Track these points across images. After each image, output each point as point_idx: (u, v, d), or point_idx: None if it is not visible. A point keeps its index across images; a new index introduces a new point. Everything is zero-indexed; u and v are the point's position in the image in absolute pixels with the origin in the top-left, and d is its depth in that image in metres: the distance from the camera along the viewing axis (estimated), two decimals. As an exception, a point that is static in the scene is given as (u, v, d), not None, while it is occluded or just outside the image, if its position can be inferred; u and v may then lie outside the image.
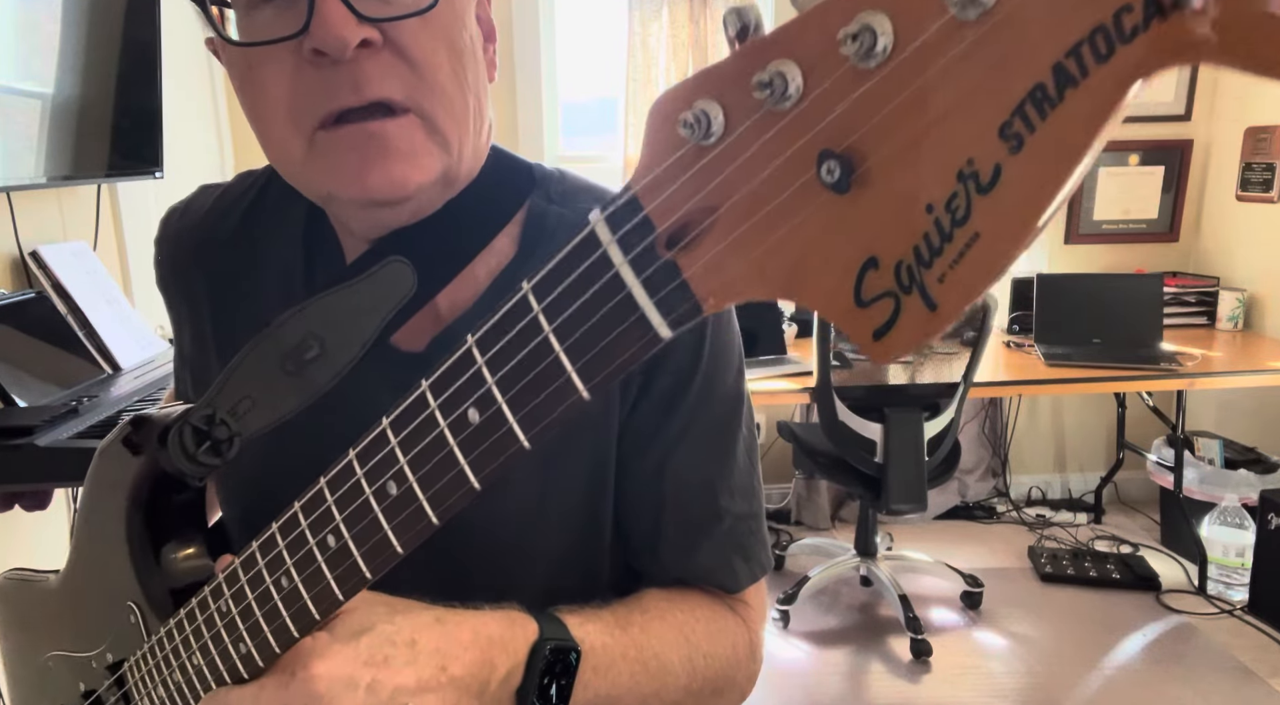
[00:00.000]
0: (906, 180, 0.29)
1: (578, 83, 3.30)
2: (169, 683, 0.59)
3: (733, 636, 0.71)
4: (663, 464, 0.68)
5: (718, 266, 0.33)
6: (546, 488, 0.67)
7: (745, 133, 0.31)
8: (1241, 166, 3.17)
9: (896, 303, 0.30)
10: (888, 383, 2.52)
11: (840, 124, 0.29)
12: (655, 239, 0.34)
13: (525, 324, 0.38)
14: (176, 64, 2.25)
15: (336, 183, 0.58)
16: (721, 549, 0.70)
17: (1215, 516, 2.83)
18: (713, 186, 0.32)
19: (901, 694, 2.41)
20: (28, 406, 1.41)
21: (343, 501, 0.47)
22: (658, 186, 0.34)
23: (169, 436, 0.54)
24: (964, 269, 0.28)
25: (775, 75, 0.29)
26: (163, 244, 0.77)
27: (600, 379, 0.37)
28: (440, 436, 0.42)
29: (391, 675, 0.50)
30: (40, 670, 0.73)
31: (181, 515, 0.62)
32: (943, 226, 0.28)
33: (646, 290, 0.35)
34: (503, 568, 0.67)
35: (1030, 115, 0.26)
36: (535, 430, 0.39)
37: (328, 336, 0.54)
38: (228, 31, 0.57)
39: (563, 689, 0.56)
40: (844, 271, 0.30)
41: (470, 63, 0.60)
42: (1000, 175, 0.27)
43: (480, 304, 0.67)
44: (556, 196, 0.69)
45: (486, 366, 0.40)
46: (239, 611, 0.53)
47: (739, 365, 0.71)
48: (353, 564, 0.47)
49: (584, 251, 0.36)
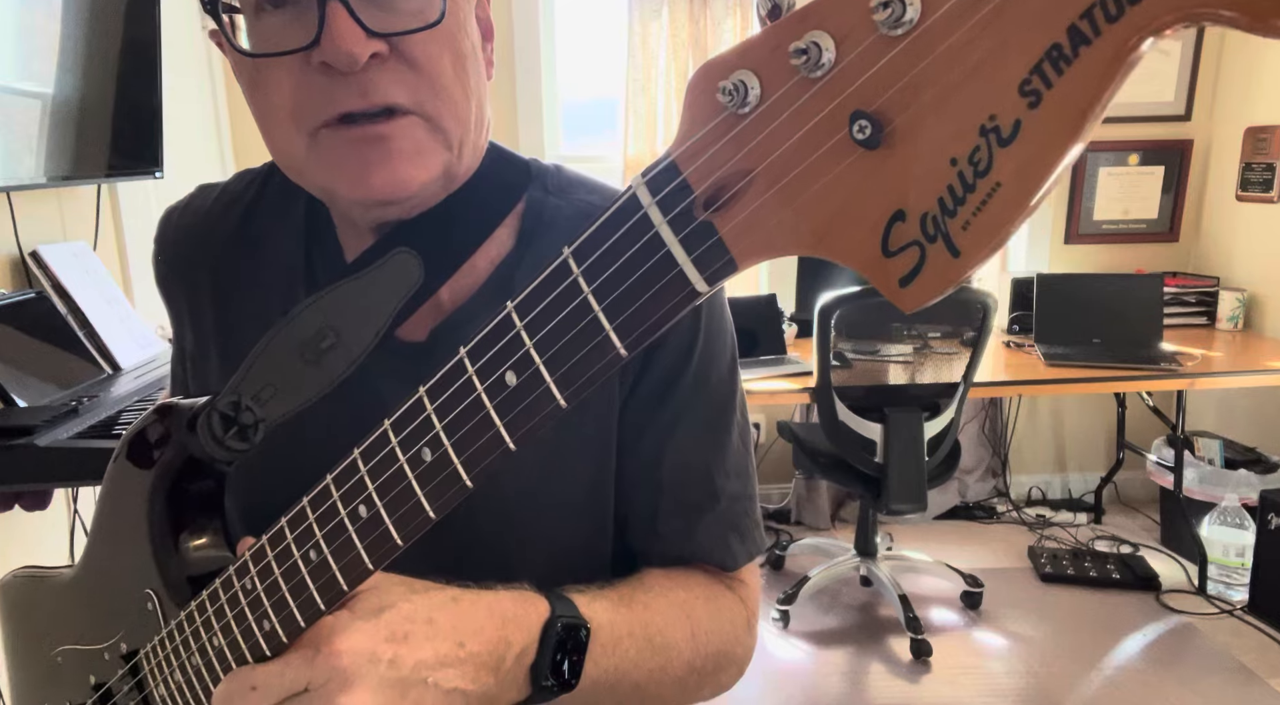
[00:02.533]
0: (933, 136, 0.31)
1: (578, 83, 3.30)
2: (187, 666, 0.60)
3: (731, 613, 0.72)
4: (661, 446, 0.70)
5: (752, 225, 0.35)
6: (549, 474, 0.68)
7: (780, 99, 0.33)
8: (1241, 166, 3.17)
9: (922, 251, 0.32)
10: (888, 383, 2.52)
11: (871, 86, 0.31)
12: (693, 201, 0.36)
13: (565, 286, 0.40)
14: (176, 64, 2.25)
15: (339, 181, 0.60)
16: (719, 528, 0.72)
17: (1215, 516, 2.83)
18: (748, 150, 0.35)
19: (901, 694, 2.41)
20: (28, 406, 1.41)
21: (376, 470, 0.48)
22: (695, 152, 0.36)
23: (198, 422, 0.56)
24: (986, 216, 0.30)
25: (810, 44, 0.32)
26: (162, 243, 0.78)
27: (637, 335, 0.39)
28: (477, 400, 0.44)
29: (412, 650, 0.51)
30: (48, 666, 0.73)
31: (200, 504, 0.63)
32: (966, 178, 0.30)
33: (685, 248, 0.37)
34: (508, 554, 0.68)
35: (1048, 72, 0.28)
36: (572, 389, 0.41)
37: (342, 327, 0.56)
38: (238, 39, 0.59)
39: (574, 665, 0.58)
40: (873, 224, 0.33)
41: (472, 66, 0.62)
42: (1020, 129, 0.29)
43: (481, 293, 0.68)
44: (554, 189, 0.71)
45: (525, 330, 0.42)
46: (264, 588, 0.54)
47: (732, 349, 0.73)
48: (384, 532, 0.48)
49: (625, 214, 0.38)
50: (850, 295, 2.32)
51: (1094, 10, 0.27)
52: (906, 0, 0.30)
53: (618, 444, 0.70)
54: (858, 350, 2.46)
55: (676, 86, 3.13)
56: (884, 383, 2.52)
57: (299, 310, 0.56)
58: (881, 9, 0.30)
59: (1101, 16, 0.27)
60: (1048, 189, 0.29)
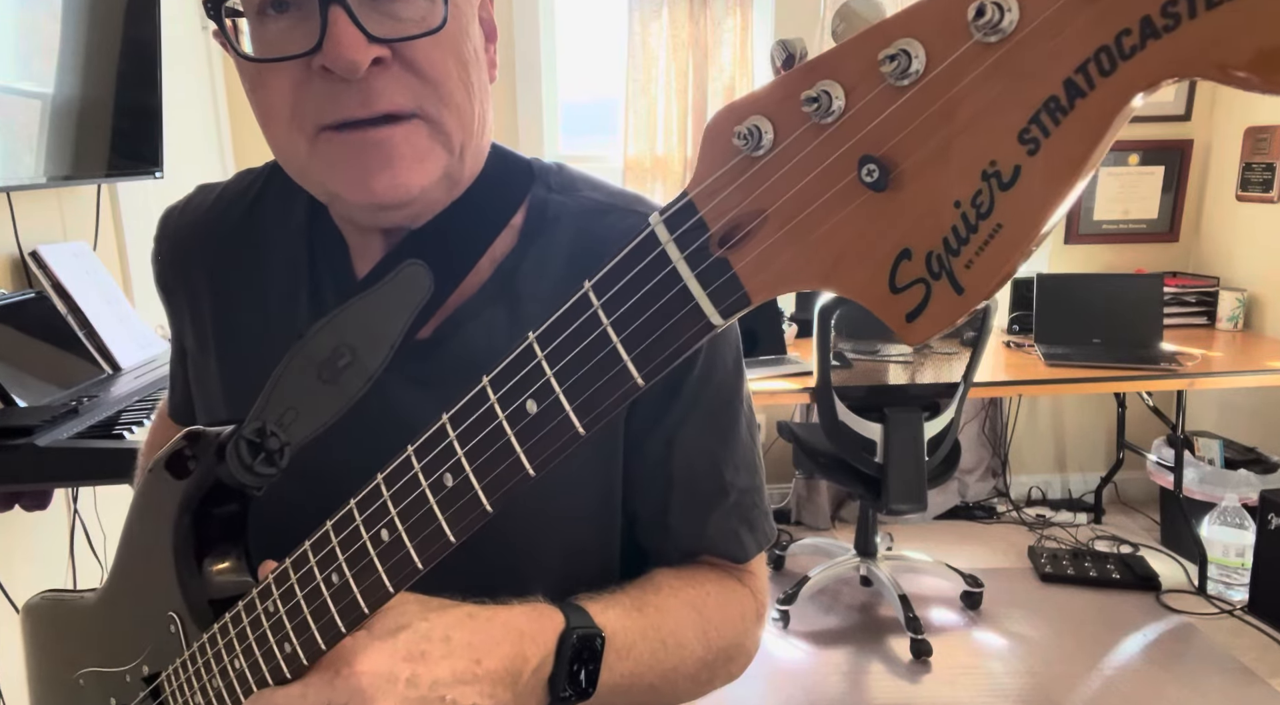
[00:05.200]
0: (937, 179, 0.33)
1: (578, 83, 3.30)
2: (209, 689, 0.60)
3: (741, 605, 0.73)
4: (670, 443, 0.70)
5: (765, 262, 0.37)
6: (558, 473, 0.68)
7: (792, 144, 0.36)
8: (1241, 166, 3.17)
9: (927, 289, 0.34)
10: (888, 383, 2.52)
11: (879, 132, 0.33)
12: (709, 238, 0.38)
13: (585, 318, 0.42)
14: (176, 64, 2.25)
15: (340, 185, 0.60)
16: (729, 522, 0.73)
17: (1215, 516, 2.83)
18: (761, 191, 0.37)
19: (901, 694, 2.41)
20: (28, 406, 1.41)
21: (399, 495, 0.49)
22: (711, 192, 0.38)
23: (227, 450, 0.57)
24: (988, 255, 0.32)
25: (821, 93, 0.34)
26: (162, 243, 0.78)
27: (654, 366, 0.41)
28: (499, 427, 0.45)
29: (429, 669, 0.52)
30: (70, 689, 0.74)
31: (224, 528, 0.63)
32: (969, 219, 0.32)
33: (700, 283, 0.39)
34: (518, 555, 0.69)
35: (1045, 122, 0.30)
36: (590, 417, 0.43)
37: (357, 344, 0.56)
38: (241, 43, 0.59)
39: (590, 674, 0.59)
40: (880, 262, 0.34)
41: (475, 69, 0.62)
42: (1020, 174, 0.31)
43: (484, 291, 0.68)
44: (556, 187, 0.71)
45: (546, 359, 0.43)
46: (286, 611, 0.54)
47: (737, 344, 0.74)
48: (404, 556, 0.49)
49: (643, 250, 0.40)
50: (850, 295, 2.32)
51: (1088, 65, 0.29)
52: (912, 53, 0.32)
53: (626, 442, 0.70)
54: (858, 350, 2.46)
55: (676, 86, 3.13)
56: (884, 383, 2.52)
57: (313, 332, 0.57)
58: (888, 61, 0.32)
59: (1096, 71, 0.29)
60: (1049, 230, 0.31)
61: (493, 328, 0.67)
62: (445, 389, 0.50)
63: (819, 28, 3.14)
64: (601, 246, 0.68)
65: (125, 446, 1.28)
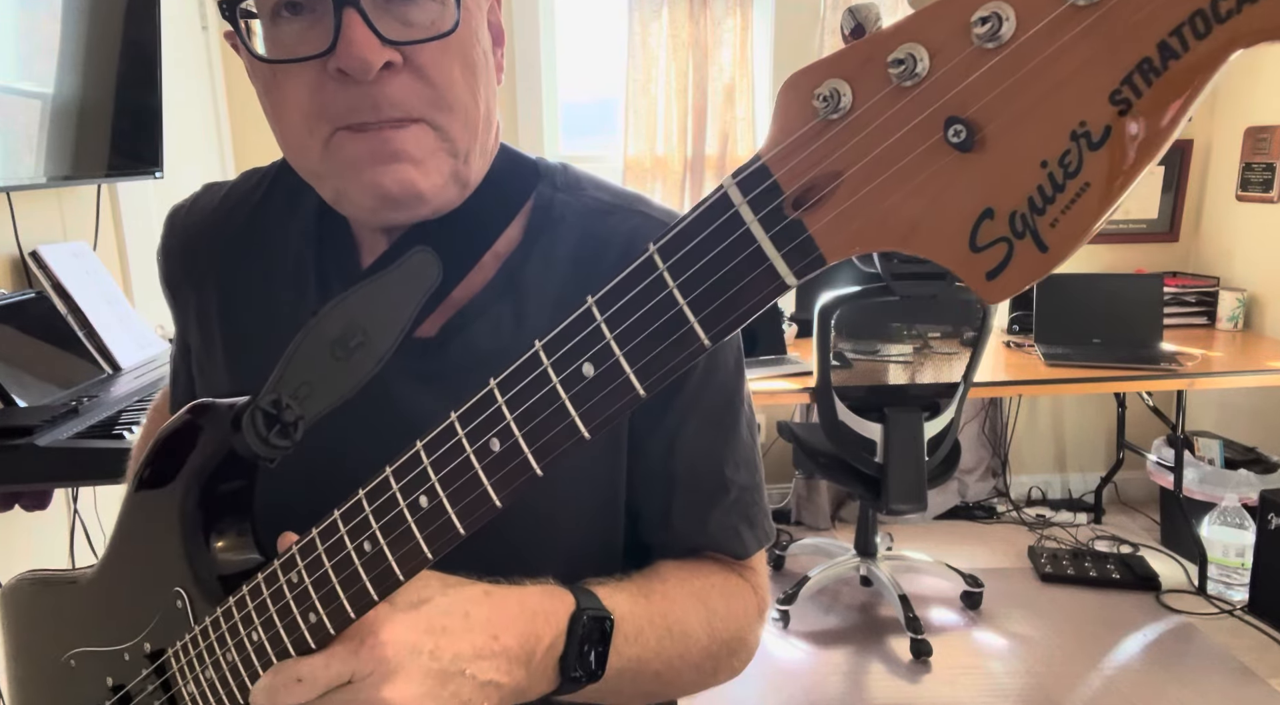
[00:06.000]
0: (1025, 140, 0.33)
1: (578, 83, 3.30)
2: (221, 663, 0.60)
3: (743, 600, 0.74)
4: (672, 440, 0.71)
5: (841, 223, 0.37)
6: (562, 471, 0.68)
7: (873, 106, 0.36)
8: (1241, 166, 3.17)
9: (1010, 247, 0.34)
10: (888, 383, 2.52)
11: (967, 93, 0.34)
12: (783, 201, 0.38)
13: (649, 282, 0.42)
14: (176, 64, 2.25)
15: (349, 184, 0.61)
16: (730, 519, 0.73)
17: (1215, 516, 2.83)
18: (840, 154, 0.37)
19: (901, 694, 2.41)
20: (28, 406, 1.41)
21: (441, 461, 0.49)
22: (786, 156, 0.38)
23: (243, 420, 0.57)
24: (1073, 214, 0.33)
25: (908, 56, 0.34)
26: (168, 241, 0.78)
27: (722, 327, 0.41)
28: (552, 391, 0.45)
29: (451, 643, 0.53)
30: (58, 671, 0.73)
31: (231, 503, 0.63)
32: (1056, 179, 0.33)
33: (775, 245, 0.39)
34: (522, 552, 0.69)
35: (1138, 83, 0.31)
36: (652, 379, 0.43)
37: (368, 325, 0.57)
38: (255, 44, 0.60)
39: (600, 656, 0.60)
40: (961, 222, 0.35)
41: (483, 75, 0.63)
42: (1110, 134, 0.32)
43: (489, 289, 0.69)
44: (562, 185, 0.73)
45: (606, 323, 0.43)
46: (312, 581, 0.54)
47: (738, 344, 0.74)
48: (445, 522, 0.49)
49: (715, 212, 0.40)
50: (850, 295, 2.32)
51: (1183, 28, 0.30)
52: (1004, 17, 0.32)
53: (629, 439, 0.70)
54: (858, 350, 2.46)
55: (676, 86, 3.13)
56: (884, 383, 2.52)
57: (326, 310, 0.58)
58: (980, 24, 0.33)
59: (1191, 34, 0.30)
60: (1131, 187, 0.32)
61: (498, 325, 0.68)
62: (451, 387, 0.50)
63: (819, 27, 3.14)
64: (604, 247, 0.69)
65: (125, 446, 1.28)
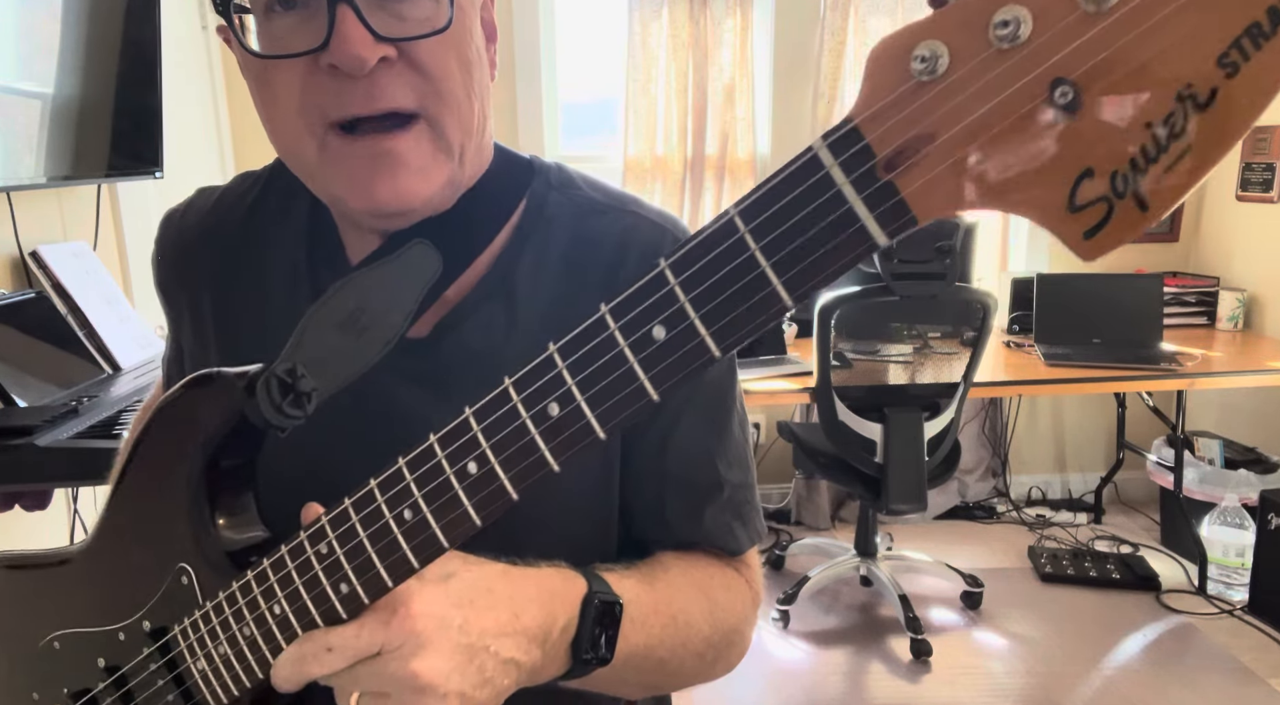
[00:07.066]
0: (1130, 102, 0.34)
1: (578, 83, 3.30)
2: (238, 637, 0.58)
3: (740, 594, 0.74)
4: (666, 437, 0.71)
5: (935, 185, 0.37)
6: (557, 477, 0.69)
7: (974, 68, 0.36)
8: (1241, 166, 3.17)
9: (1109, 206, 0.35)
10: (888, 383, 2.52)
11: (1074, 56, 0.34)
12: (875, 164, 0.38)
13: (731, 244, 0.41)
14: (176, 64, 2.25)
15: (345, 190, 0.61)
16: (723, 516, 0.74)
17: (1215, 516, 2.83)
18: (937, 116, 0.37)
19: (901, 694, 2.41)
20: (28, 406, 1.41)
21: (494, 426, 0.48)
22: (879, 118, 0.38)
23: (257, 386, 0.56)
24: (1176, 174, 0.34)
25: (1011, 18, 0.35)
26: (163, 245, 0.78)
27: (807, 288, 0.41)
28: (619, 355, 0.44)
29: (477, 617, 0.53)
30: (38, 654, 0.71)
31: (236, 479, 0.62)
32: (1159, 140, 0.33)
33: (867, 206, 0.39)
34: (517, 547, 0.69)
35: (1246, 46, 0.32)
36: (728, 342, 0.42)
37: (374, 307, 0.57)
38: (248, 39, 0.59)
39: (610, 639, 0.60)
40: (1060, 182, 0.35)
41: (478, 71, 0.63)
42: (1216, 96, 0.32)
43: (481, 287, 0.69)
44: (556, 184, 0.73)
45: (680, 287, 0.43)
46: (345, 551, 0.53)
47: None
48: (498, 488, 0.48)
49: (804, 174, 0.40)
50: (850, 295, 2.32)
51: None
52: None
53: (624, 437, 0.70)
54: (858, 350, 2.46)
55: (676, 86, 3.13)
56: (884, 383, 2.52)
57: (335, 288, 0.58)
58: None
59: None
60: (1234, 146, 0.33)
61: (491, 325, 0.68)
62: (445, 387, 0.50)
63: (819, 27, 3.14)
64: (596, 247, 0.69)
65: (125, 446, 1.28)
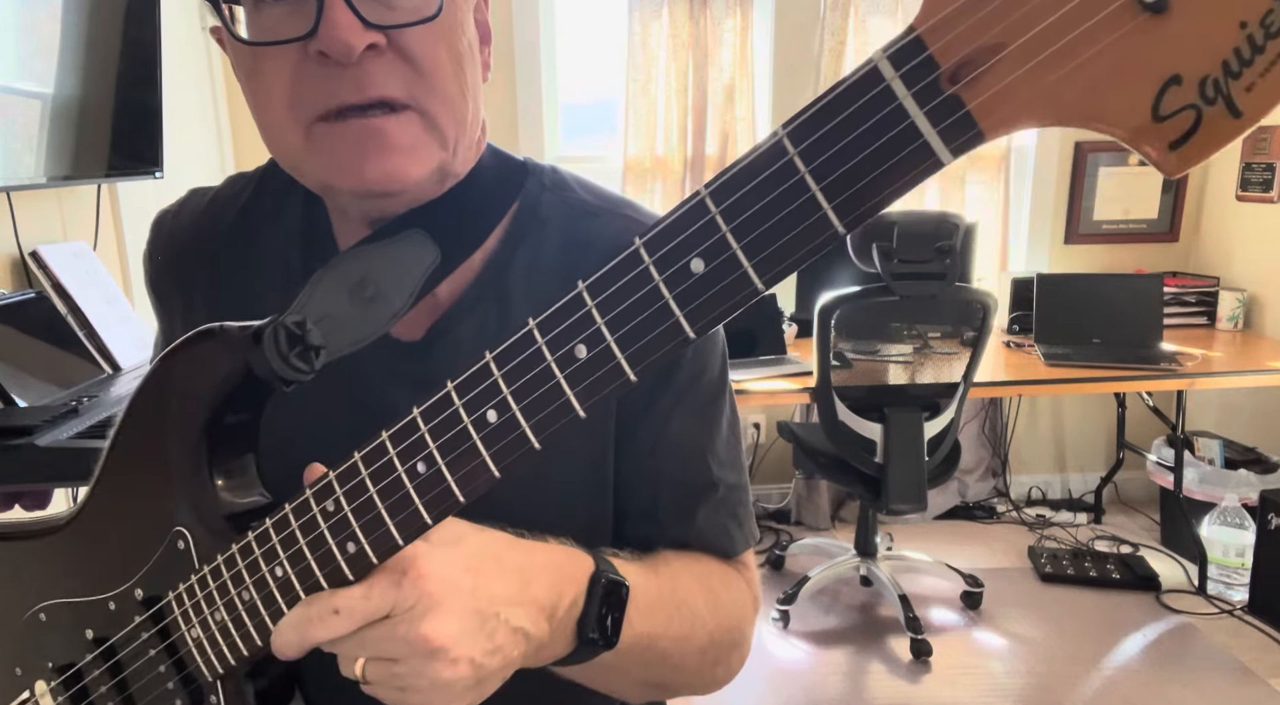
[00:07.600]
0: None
1: (578, 83, 3.30)
2: (236, 602, 0.57)
3: (740, 592, 0.74)
4: (658, 436, 0.71)
5: (1005, 97, 0.35)
6: (549, 463, 0.68)
7: None
8: (1241, 166, 3.17)
9: (1198, 114, 0.33)
10: (888, 383, 2.52)
11: None
12: (939, 76, 0.36)
13: (779, 167, 0.39)
14: (176, 64, 2.25)
15: (334, 173, 0.60)
16: (717, 516, 0.73)
17: (1215, 516, 2.83)
18: (1006, 24, 0.34)
19: (901, 694, 2.41)
20: (28, 406, 1.41)
21: (515, 372, 0.46)
22: (943, 27, 0.36)
23: (264, 335, 0.54)
24: (1273, 77, 0.31)
25: None
26: (156, 246, 0.78)
27: (863, 211, 0.38)
28: (655, 290, 0.42)
29: (488, 583, 0.52)
30: (24, 628, 0.69)
31: (236, 440, 0.60)
32: (1255, 40, 0.31)
33: (930, 121, 0.36)
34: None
35: None
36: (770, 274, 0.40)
37: (381, 281, 0.56)
38: (238, 29, 0.59)
39: (615, 621, 0.59)
40: (1143, 90, 0.33)
41: (469, 66, 0.62)
42: None
43: (473, 289, 0.69)
44: (550, 185, 0.72)
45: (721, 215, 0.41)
46: (353, 508, 0.51)
47: (723, 346, 0.74)
48: (519, 436, 0.46)
49: (863, 88, 0.37)
50: (850, 295, 2.32)
51: None
52: None
53: (616, 436, 0.70)
54: (858, 350, 2.46)
55: (676, 86, 3.13)
56: (884, 383, 2.52)
57: (341, 257, 0.57)
58: None
59: None
60: None
61: (484, 327, 0.67)
62: (436, 390, 0.49)
63: (819, 27, 3.14)
64: (588, 250, 0.69)
65: (125, 446, 1.28)
